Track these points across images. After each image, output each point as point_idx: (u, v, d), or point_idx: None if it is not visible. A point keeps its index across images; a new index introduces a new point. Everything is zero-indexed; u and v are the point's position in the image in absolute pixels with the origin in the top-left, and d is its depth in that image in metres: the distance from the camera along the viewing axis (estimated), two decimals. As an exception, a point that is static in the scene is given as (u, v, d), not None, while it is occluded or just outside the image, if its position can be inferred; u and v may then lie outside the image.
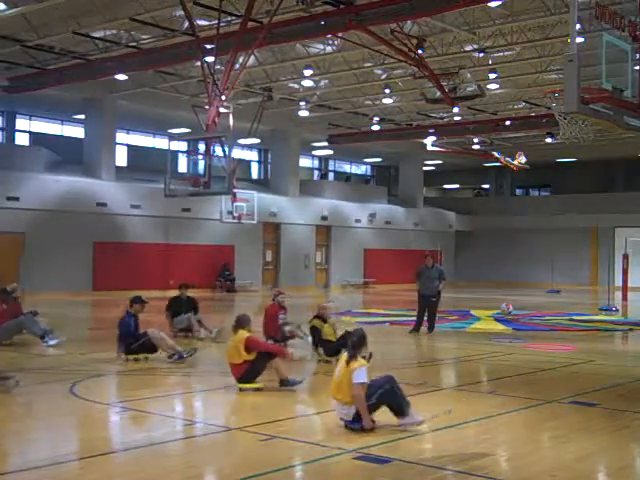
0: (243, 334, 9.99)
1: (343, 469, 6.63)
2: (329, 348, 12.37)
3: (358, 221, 40.86)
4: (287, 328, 13.92)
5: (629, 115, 10.26)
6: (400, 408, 7.81)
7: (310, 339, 13.08)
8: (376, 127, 36.98)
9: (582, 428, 8.12)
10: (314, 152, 43.40)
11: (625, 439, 7.83)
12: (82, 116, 31.84)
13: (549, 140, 35.96)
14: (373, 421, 7.76)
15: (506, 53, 24.82)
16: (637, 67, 10.48)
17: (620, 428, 8.26)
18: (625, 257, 31.66)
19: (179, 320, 15.75)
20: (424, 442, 7.67)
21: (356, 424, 7.71)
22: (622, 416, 8.95)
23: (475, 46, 23.81)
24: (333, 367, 9.62)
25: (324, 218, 38.86)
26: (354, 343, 8.04)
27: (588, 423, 8.41)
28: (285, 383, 9.84)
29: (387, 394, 7.80)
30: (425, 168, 47.26)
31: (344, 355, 8.11)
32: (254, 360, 9.88)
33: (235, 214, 31.35)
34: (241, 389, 9.85)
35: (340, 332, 12.46)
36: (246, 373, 9.88)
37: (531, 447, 7.42)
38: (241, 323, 10.14)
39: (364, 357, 8.07)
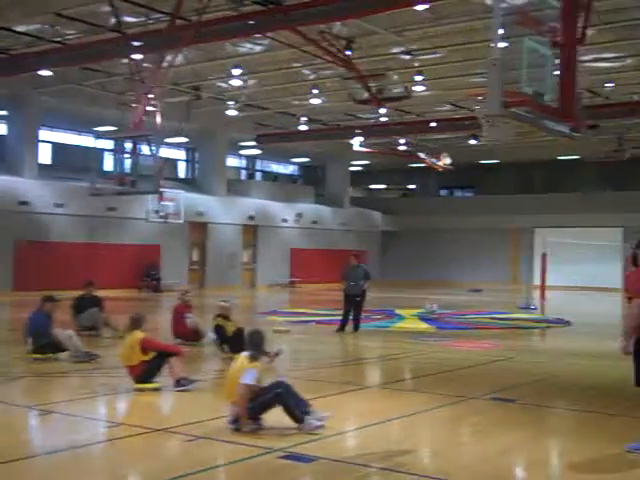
0: (138, 335, 9.93)
1: (269, 469, 6.62)
2: (233, 345, 12.46)
3: (285, 221, 40.92)
4: (190, 323, 14.21)
5: (549, 119, 10.54)
6: (293, 413, 7.65)
7: (214, 337, 13.35)
8: (304, 127, 37.08)
9: (502, 423, 8.34)
10: (242, 152, 43.27)
11: (541, 433, 8.08)
12: (4, 112, 31.07)
13: (473, 142, 36.62)
14: (256, 423, 7.65)
15: (432, 56, 25.16)
16: (556, 72, 10.77)
17: (537, 422, 8.53)
18: (543, 257, 32.49)
19: (83, 316, 15.49)
20: (349, 440, 7.78)
21: (236, 424, 7.65)
22: (539, 411, 9.24)
23: (402, 48, 24.11)
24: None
25: (251, 218, 38.78)
26: (254, 343, 8.00)
27: (507, 418, 8.64)
28: (180, 383, 9.79)
29: (277, 399, 7.67)
30: (352, 168, 47.61)
31: (242, 354, 8.05)
32: (151, 360, 9.84)
33: (161, 213, 31.07)
34: (140, 390, 9.76)
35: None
36: (144, 374, 9.83)
37: (453, 443, 7.59)
38: (135, 324, 10.08)
39: (266, 356, 8.07)
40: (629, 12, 20.74)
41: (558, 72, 10.81)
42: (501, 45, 9.80)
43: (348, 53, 22.46)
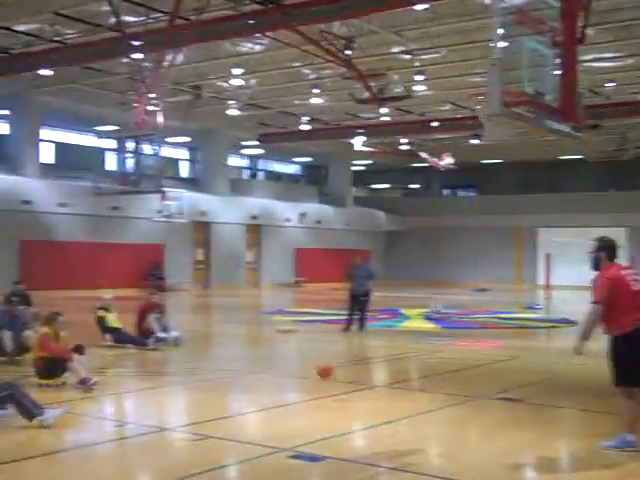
0: (41, 330, 10.17)
1: (276, 469, 6.54)
2: (116, 335, 13.97)
3: (288, 220, 40.93)
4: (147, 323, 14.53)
5: (549, 119, 10.52)
6: (27, 412, 7.71)
7: (175, 334, 14.31)
8: (306, 127, 37.08)
9: (509, 424, 8.28)
10: (244, 151, 43.29)
11: (549, 433, 8.00)
12: (6, 112, 31.12)
13: (474, 141, 36.57)
14: None
15: (432, 56, 25.14)
16: (557, 72, 10.76)
17: (544, 423, 8.46)
18: (547, 257, 32.51)
19: None
20: (358, 439, 7.75)
21: None
22: (545, 411, 9.19)
23: (402, 48, 24.09)
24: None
25: (254, 217, 38.80)
26: None
27: (515, 418, 8.57)
28: (83, 383, 9.72)
29: (9, 398, 7.73)
30: (355, 168, 47.61)
31: None
32: (49, 358, 9.91)
33: (165, 213, 31.13)
34: (47, 385, 9.80)
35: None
36: (42, 369, 9.95)
37: (460, 443, 7.55)
38: (46, 320, 10.28)
39: None
40: (627, 12, 20.75)
41: (559, 72, 10.78)
42: (501, 45, 9.75)
43: (348, 53, 22.46)
